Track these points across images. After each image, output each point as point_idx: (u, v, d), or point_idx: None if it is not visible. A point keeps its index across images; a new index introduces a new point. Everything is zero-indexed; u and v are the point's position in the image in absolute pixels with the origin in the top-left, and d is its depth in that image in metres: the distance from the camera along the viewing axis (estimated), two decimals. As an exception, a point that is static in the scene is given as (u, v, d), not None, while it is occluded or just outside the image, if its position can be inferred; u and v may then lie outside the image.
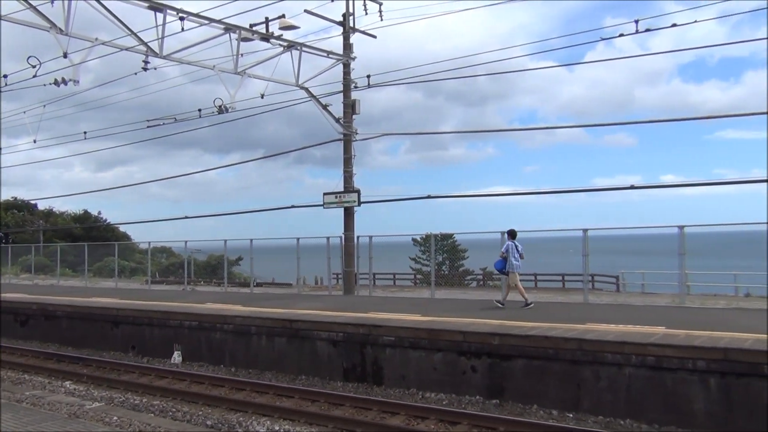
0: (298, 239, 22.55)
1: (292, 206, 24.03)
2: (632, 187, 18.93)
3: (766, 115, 12.51)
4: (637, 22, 16.65)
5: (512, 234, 15.45)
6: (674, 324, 11.32)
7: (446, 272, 40.27)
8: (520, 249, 15.27)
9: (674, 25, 16.77)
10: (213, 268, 36.77)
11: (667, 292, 20.64)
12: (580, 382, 9.97)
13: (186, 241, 27.96)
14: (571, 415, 9.78)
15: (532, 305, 14.86)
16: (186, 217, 27.80)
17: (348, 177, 21.35)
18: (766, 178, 15.62)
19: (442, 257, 42.10)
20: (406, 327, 12.12)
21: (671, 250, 15.98)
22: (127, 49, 16.84)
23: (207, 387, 12.32)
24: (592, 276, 26.25)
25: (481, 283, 35.00)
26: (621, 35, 17.05)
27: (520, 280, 15.64)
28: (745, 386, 8.71)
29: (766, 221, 14.07)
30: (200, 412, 10.58)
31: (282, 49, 19.60)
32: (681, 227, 15.43)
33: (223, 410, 10.76)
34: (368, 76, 21.35)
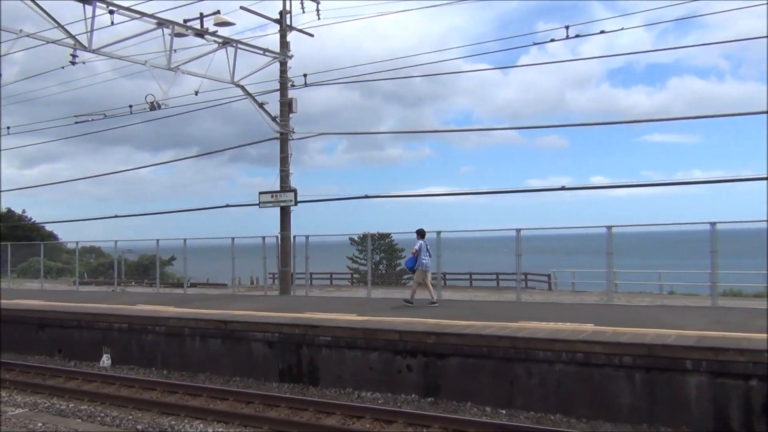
0: (233, 239, 22.26)
1: (227, 205, 23.70)
2: (563, 188, 19.46)
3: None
4: (567, 28, 17.12)
5: (421, 233, 15.80)
6: (602, 321, 11.70)
7: (383, 272, 40.42)
8: (429, 248, 15.72)
9: (602, 32, 17.34)
10: (145, 268, 35.90)
11: (596, 290, 21.33)
12: (513, 379, 10.18)
13: (116, 241, 27.18)
14: (504, 412, 9.97)
15: (437, 304, 15.25)
16: (116, 216, 27.03)
17: (284, 176, 21.19)
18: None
19: (379, 257, 42.26)
20: (343, 327, 12.12)
21: (600, 250, 16.50)
22: (54, 42, 16.24)
23: (137, 390, 12.00)
24: (525, 275, 26.85)
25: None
26: (552, 40, 17.50)
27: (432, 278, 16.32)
28: (667, 380, 9.07)
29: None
30: (130, 416, 10.31)
31: (217, 45, 19.28)
32: (609, 227, 15.96)
33: (155, 414, 10.50)
34: (305, 75, 21.25)
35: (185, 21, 18.19)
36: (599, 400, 9.47)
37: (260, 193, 21.38)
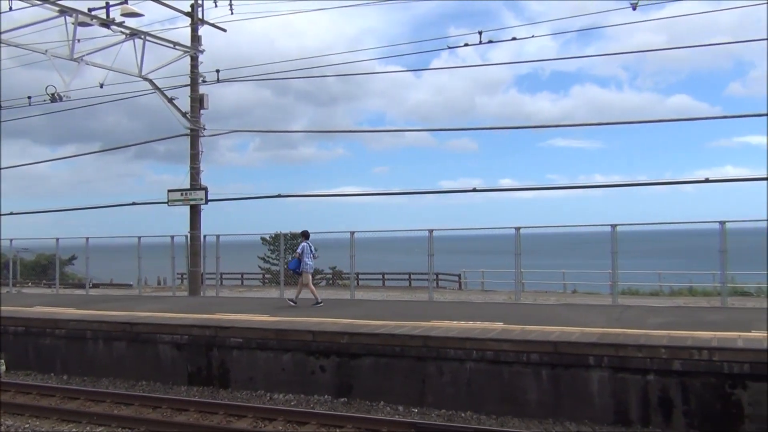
0: (139, 238, 21.46)
1: (134, 203, 22.85)
2: (475, 190, 19.94)
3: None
4: (480, 33, 17.52)
5: (305, 235, 16.03)
6: (511, 320, 12.03)
7: (296, 272, 40.01)
8: (313, 250, 15.96)
9: (514, 38, 17.85)
10: (43, 268, 34.17)
11: (505, 289, 21.95)
12: (425, 378, 10.31)
13: (11, 239, 25.66)
14: (416, 410, 10.07)
15: (321, 303, 15.39)
16: (12, 213, 25.51)
17: (195, 174, 20.64)
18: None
19: (291, 256, 41.81)
20: (254, 328, 11.92)
21: (508, 250, 16.98)
22: (-58, 27, 15.19)
23: (35, 397, 11.37)
24: (437, 275, 27.29)
25: (331, 282, 35.23)
26: (466, 45, 17.86)
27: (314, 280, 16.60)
28: (572, 376, 9.43)
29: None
30: (27, 425, 9.75)
31: (124, 36, 18.56)
32: (517, 228, 16.46)
33: (54, 421, 9.97)
34: (218, 71, 20.77)
35: (90, 10, 17.39)
36: (508, 397, 9.73)
37: (169, 190, 20.73)
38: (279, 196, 21.84)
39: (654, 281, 25.69)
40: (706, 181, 16.82)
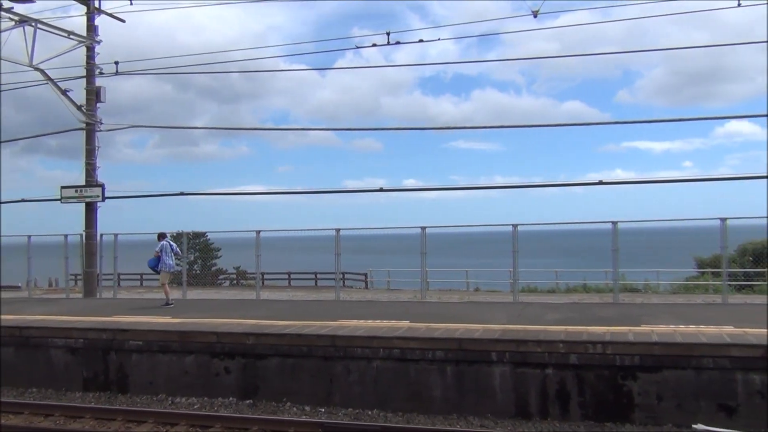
0: (29, 237, 20.27)
1: (23, 200, 21.57)
2: (381, 190, 20.13)
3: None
4: (388, 34, 17.67)
5: (163, 235, 15.94)
6: (417, 318, 12.21)
7: (198, 272, 39.13)
8: (175, 249, 15.98)
9: (421, 40, 18.13)
10: None
11: (410, 288, 22.24)
12: (332, 377, 10.30)
13: None
14: (323, 410, 10.05)
15: (172, 305, 15.29)
16: None
17: (90, 170, 19.74)
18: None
19: (194, 256, 40.87)
20: (156, 330, 11.53)
21: (413, 249, 17.22)
22: None
23: None
24: (344, 274, 27.31)
25: (235, 282, 34.59)
26: (374, 45, 17.97)
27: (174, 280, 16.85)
28: (475, 372, 9.68)
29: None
30: None
31: (12, 23, 17.53)
32: (423, 228, 16.73)
33: (-68, 435, 9.28)
34: (116, 63, 19.93)
35: (-25, -7, 16.30)
36: (414, 394, 9.88)
37: (62, 187, 19.74)
38: (182, 194, 21.23)
39: (551, 279, 26.76)
40: (600, 183, 17.71)
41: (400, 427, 9.05)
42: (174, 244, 15.98)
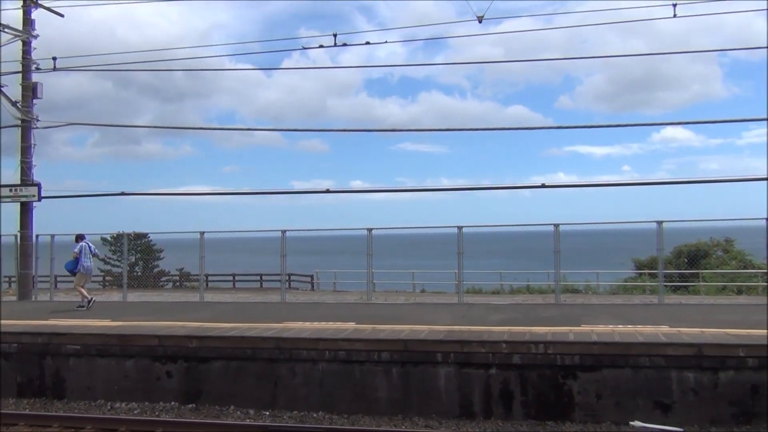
0: (-42, 238, 19.46)
1: (-47, 199, 20.67)
2: (327, 191, 20.09)
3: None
4: (335, 36, 17.65)
5: (81, 236, 15.65)
6: (363, 319, 12.21)
7: (139, 273, 38.26)
8: (93, 250, 15.73)
9: (368, 42, 18.19)
10: None
11: (357, 289, 22.24)
12: (276, 380, 10.21)
13: None
14: (268, 413, 9.95)
15: (84, 308, 15.00)
16: None
17: (26, 168, 19.08)
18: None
19: (135, 257, 39.94)
20: (94, 333, 11.21)
21: (360, 251, 17.24)
22: None
23: None
24: (289, 275, 27.13)
25: (178, 284, 33.96)
26: (321, 46, 17.93)
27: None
28: (420, 373, 9.74)
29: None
30: None
31: (-57, 15, 16.78)
32: (369, 230, 16.76)
33: None
34: (54, 59, 19.33)
35: None
36: (359, 395, 9.87)
37: (-4, 186, 19.01)
38: (123, 194, 20.74)
39: (496, 280, 27.15)
40: (543, 186, 18.07)
41: (345, 429, 9.03)
42: (92, 246, 15.64)
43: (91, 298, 15.28)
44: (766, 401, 8.74)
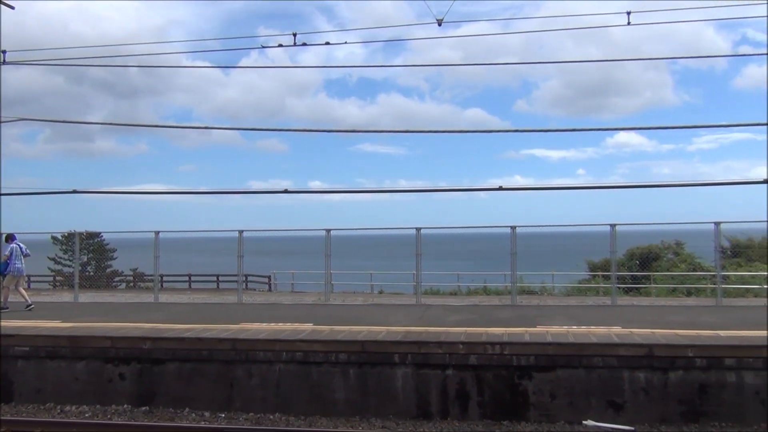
0: None
1: None
2: (286, 191, 19.87)
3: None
4: (295, 35, 17.50)
5: (11, 237, 15.43)
6: (320, 320, 12.18)
7: (91, 273, 37.40)
8: (25, 251, 15.41)
9: (328, 43, 18.07)
10: None
11: (315, 290, 22.12)
12: (233, 382, 10.10)
13: None
14: (223, 415, 9.84)
15: (7, 309, 14.72)
16: None
17: (-27, 165, 18.48)
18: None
19: (87, 257, 39.05)
20: (44, 335, 10.93)
21: (319, 251, 17.17)
22: None
23: None
24: (246, 276, 26.86)
25: (132, 284, 33.31)
26: (281, 45, 17.74)
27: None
28: (378, 374, 9.76)
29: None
30: None
31: None
32: (328, 230, 16.71)
33: None
34: (3, 52, 18.71)
35: None
36: (317, 397, 9.84)
37: (-59, 182, 18.36)
38: (74, 192, 20.17)
39: (453, 281, 27.34)
40: (500, 188, 18.23)
41: (301, 430, 8.99)
42: (23, 246, 15.27)
43: (29, 302, 14.89)
44: (714, 400, 9.00)
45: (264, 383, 10.01)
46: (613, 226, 15.39)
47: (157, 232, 17.28)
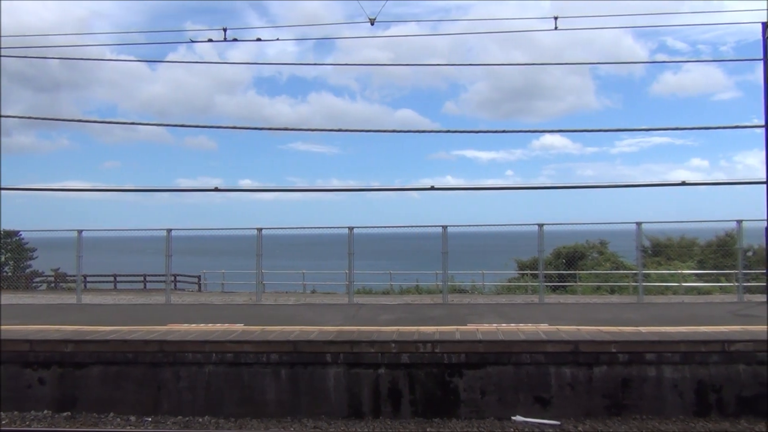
0: None
1: None
2: (216, 189, 19.50)
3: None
4: (225, 30, 17.20)
5: None
6: (252, 321, 12.02)
7: (9, 274, 35.75)
8: None
9: (259, 39, 17.85)
10: None
11: (246, 290, 21.81)
12: (160, 385, 9.84)
13: None
14: (150, 419, 9.58)
15: None
16: None
17: None
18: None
19: (4, 257, 37.32)
20: (-43, 339, 10.36)
21: (250, 251, 16.93)
22: None
23: None
24: (175, 276, 26.25)
25: (53, 285, 32.03)
26: (210, 40, 17.41)
27: None
28: (310, 374, 9.70)
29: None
30: None
31: None
32: (259, 229, 16.51)
33: None
34: None
35: None
36: (247, 398, 9.70)
37: None
38: (-10, 188, 19.26)
39: (386, 280, 27.45)
40: (432, 188, 18.42)
41: (232, 433, 8.84)
42: None
43: None
44: (636, 394, 9.35)
45: (193, 386, 9.79)
46: (540, 225, 15.78)
47: (79, 231, 16.67)
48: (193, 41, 18.67)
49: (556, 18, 14.99)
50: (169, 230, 16.66)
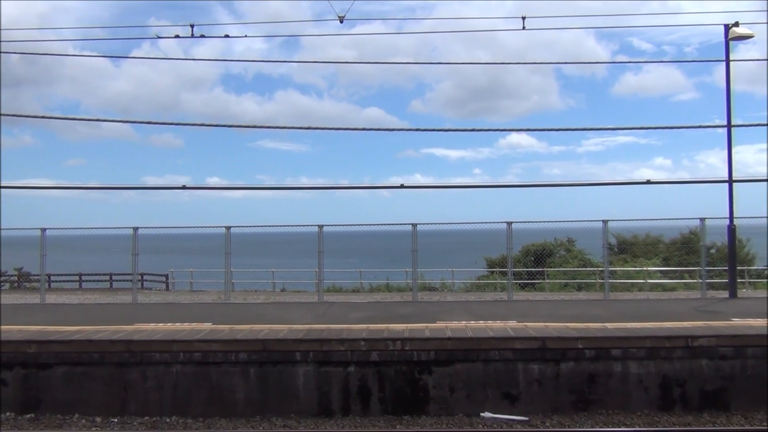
0: None
1: None
2: (183, 188, 19.33)
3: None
4: (192, 26, 17.01)
5: None
6: (220, 319, 11.92)
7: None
8: None
9: (227, 36, 17.70)
10: None
11: (214, 289, 21.66)
12: (126, 385, 9.71)
13: None
14: (116, 420, 9.44)
15: None
16: None
17: None
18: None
19: None
20: None
21: (218, 249, 16.80)
22: None
23: None
24: (142, 275, 25.94)
25: (16, 285, 31.39)
26: (177, 36, 17.21)
27: None
28: (279, 373, 9.65)
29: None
30: None
31: None
32: (228, 228, 16.39)
33: None
34: None
35: None
36: (216, 398, 9.62)
37: None
38: (-50, 186, 18.80)
39: (355, 278, 27.47)
40: (401, 187, 18.48)
41: (200, 433, 8.77)
42: None
43: None
44: (602, 389, 9.49)
45: (160, 385, 9.68)
46: (509, 223, 15.93)
47: (43, 230, 16.37)
48: (159, 36, 18.48)
49: (524, 18, 15.13)
50: (136, 228, 16.46)
